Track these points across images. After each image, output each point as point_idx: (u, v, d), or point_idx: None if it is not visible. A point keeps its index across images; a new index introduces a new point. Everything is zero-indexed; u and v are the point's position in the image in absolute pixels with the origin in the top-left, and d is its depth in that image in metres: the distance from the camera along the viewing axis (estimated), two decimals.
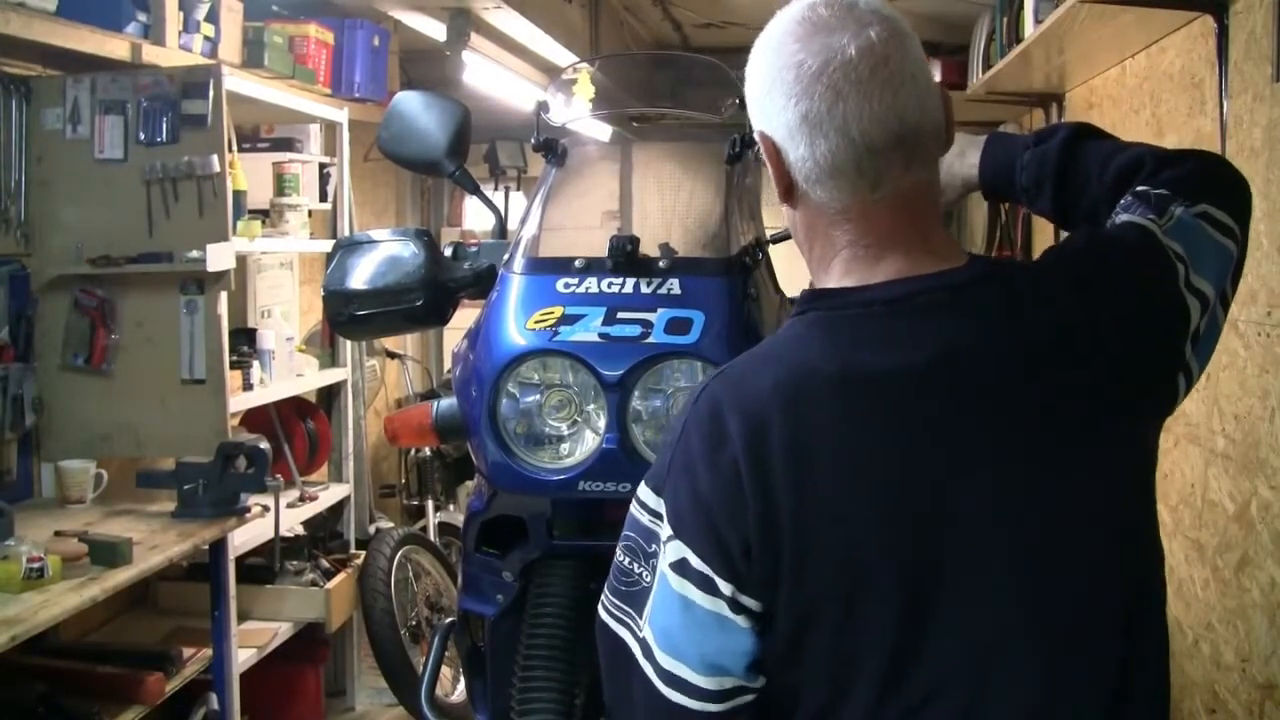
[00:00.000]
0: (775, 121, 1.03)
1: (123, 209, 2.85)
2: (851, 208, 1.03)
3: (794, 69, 1.01)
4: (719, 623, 0.99)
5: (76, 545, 2.32)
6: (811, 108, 1.00)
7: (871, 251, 1.03)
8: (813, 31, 1.02)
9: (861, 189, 1.02)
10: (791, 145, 1.02)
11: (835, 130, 1.00)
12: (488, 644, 1.79)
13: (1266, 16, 2.10)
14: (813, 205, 1.05)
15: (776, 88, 1.02)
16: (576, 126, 2.20)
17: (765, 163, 1.07)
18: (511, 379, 1.63)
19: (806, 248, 1.09)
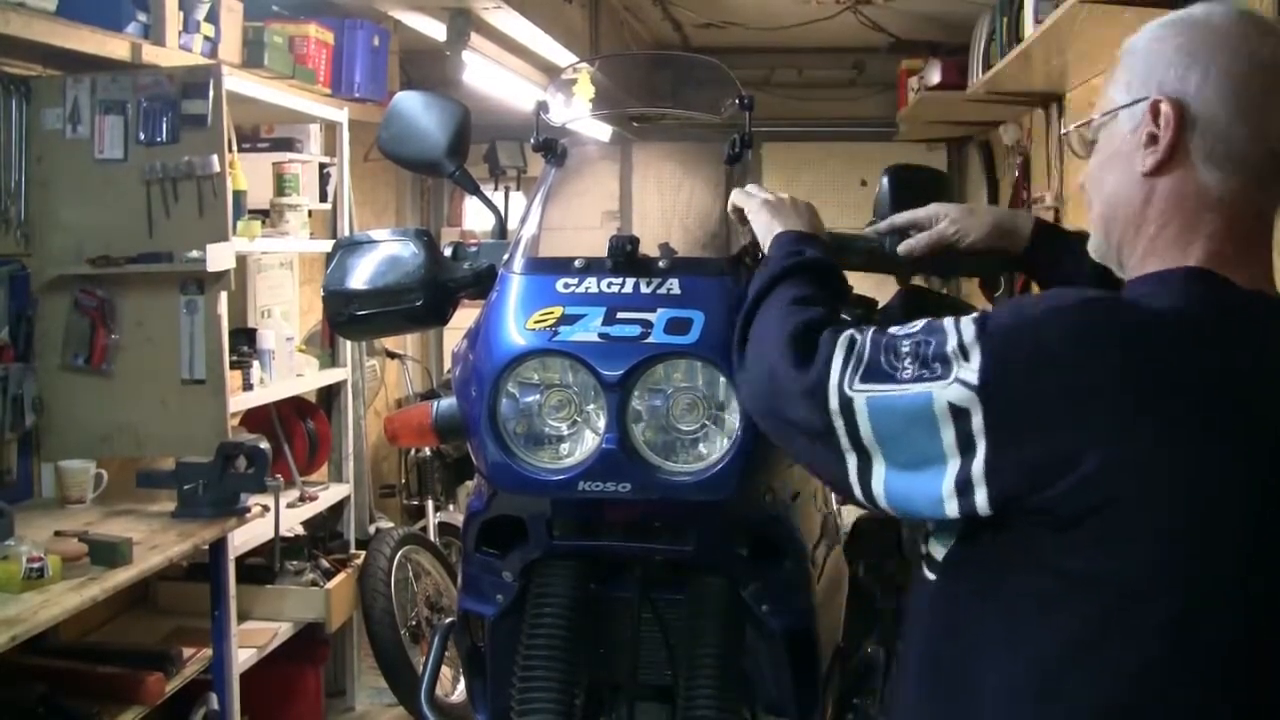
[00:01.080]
0: (1197, 94, 1.04)
1: (123, 209, 2.85)
2: (1236, 203, 1.05)
3: (1244, 53, 1.04)
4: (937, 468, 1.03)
5: (76, 545, 2.32)
6: (1251, 94, 1.03)
7: (1235, 250, 1.05)
8: (1264, 31, 1.06)
9: (1252, 186, 1.04)
10: (1210, 121, 1.04)
11: (1261, 122, 1.03)
12: (488, 644, 1.79)
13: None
14: (1195, 183, 1.05)
15: (1218, 57, 1.04)
16: (576, 126, 2.20)
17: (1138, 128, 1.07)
18: (511, 379, 1.63)
19: (1155, 225, 1.08)
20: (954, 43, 4.61)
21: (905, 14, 4.73)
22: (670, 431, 1.60)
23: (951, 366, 1.02)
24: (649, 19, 5.31)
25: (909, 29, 4.99)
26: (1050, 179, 3.81)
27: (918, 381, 1.04)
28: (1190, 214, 1.06)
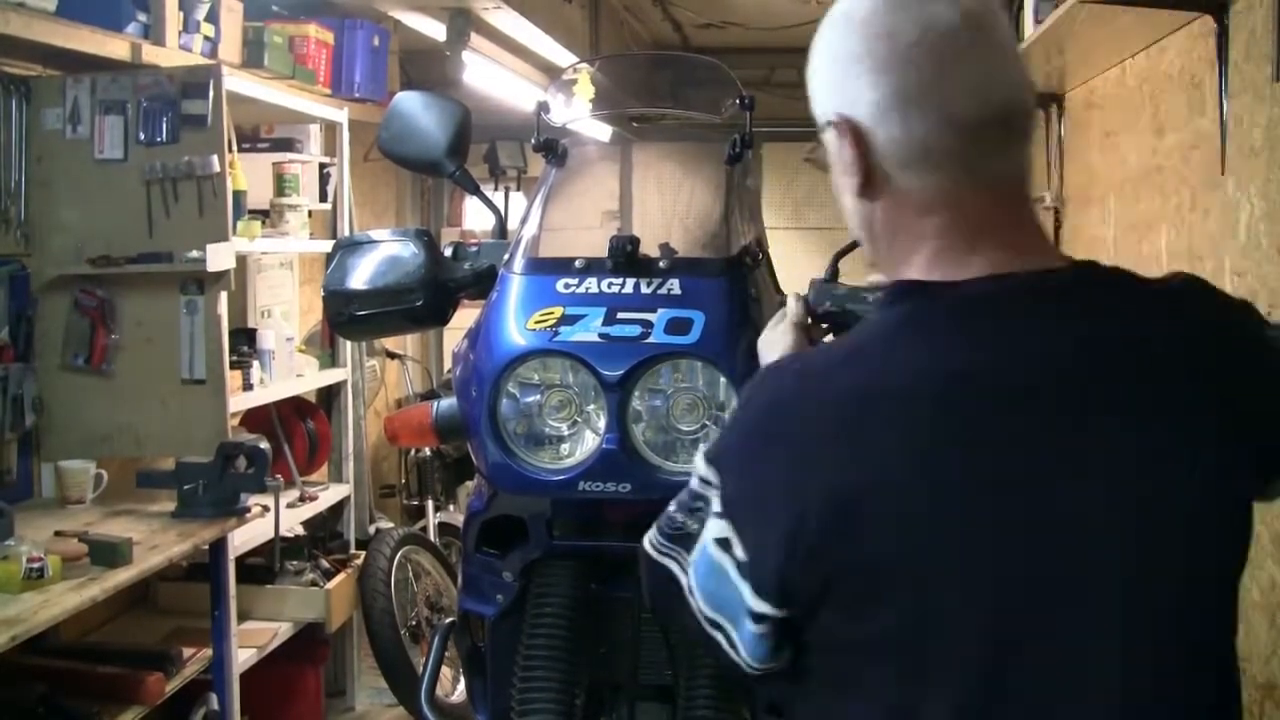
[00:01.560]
0: (860, 100, 0.94)
1: (123, 209, 2.85)
2: (946, 194, 0.94)
3: (886, 39, 0.92)
4: (742, 606, 0.96)
5: (76, 545, 2.32)
6: (908, 81, 0.91)
7: (963, 243, 0.94)
8: (898, 5, 0.93)
9: (958, 172, 0.93)
10: (882, 125, 0.93)
11: (935, 106, 0.91)
12: (488, 644, 1.79)
13: (1266, 16, 2.10)
14: (899, 194, 0.96)
15: (863, 61, 0.93)
16: (576, 127, 2.20)
17: (837, 151, 0.98)
18: (512, 379, 1.63)
19: (885, 243, 1.00)
20: None
21: None
22: (670, 432, 1.61)
23: (709, 503, 0.98)
24: (649, 19, 5.31)
25: None
26: (1050, 179, 3.81)
27: (702, 525, 0.98)
28: (910, 224, 0.96)
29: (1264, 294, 2.12)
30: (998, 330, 0.92)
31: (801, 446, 0.92)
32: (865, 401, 0.91)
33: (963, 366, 0.91)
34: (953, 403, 0.90)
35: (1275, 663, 2.08)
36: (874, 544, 0.89)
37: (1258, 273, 2.16)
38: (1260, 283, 2.14)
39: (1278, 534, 2.06)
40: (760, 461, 0.95)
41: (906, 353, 0.92)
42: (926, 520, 0.88)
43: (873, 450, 0.90)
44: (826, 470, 0.90)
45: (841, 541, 0.89)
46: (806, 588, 0.91)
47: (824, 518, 0.89)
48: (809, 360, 1.01)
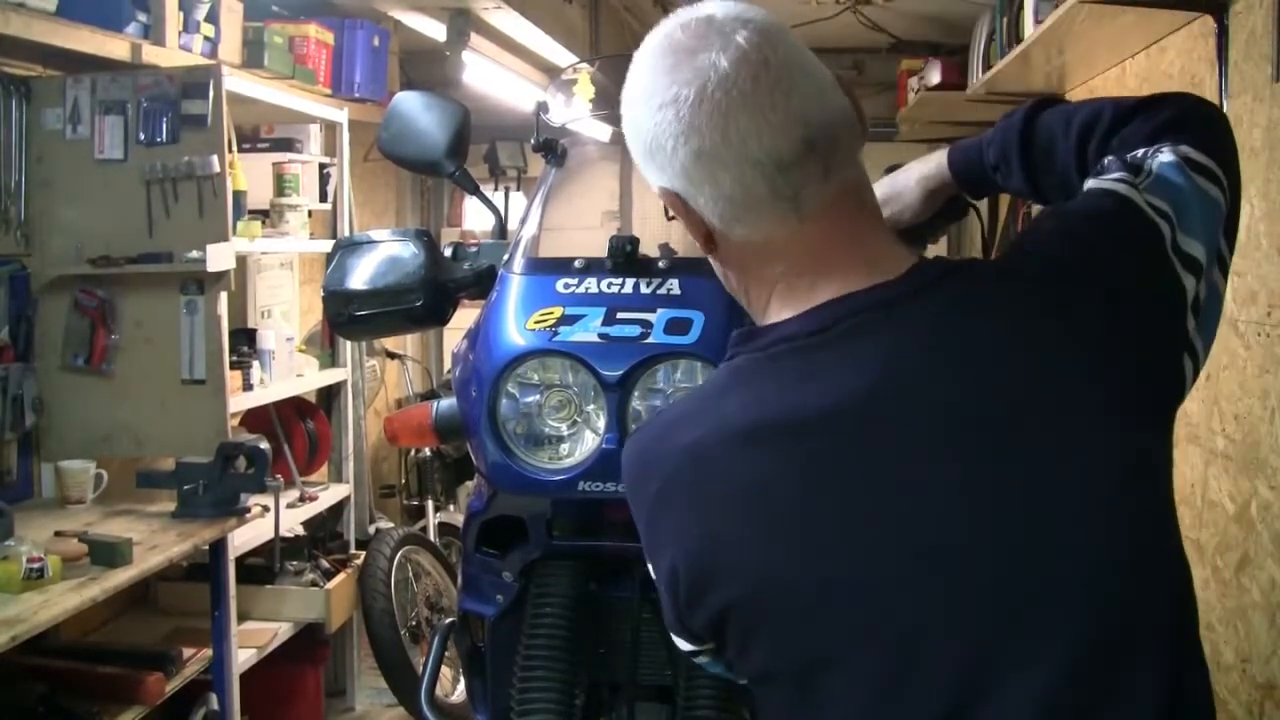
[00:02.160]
0: (670, 171, 0.93)
1: (123, 209, 2.85)
2: (777, 236, 0.93)
3: (670, 106, 0.90)
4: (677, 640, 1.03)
5: (76, 545, 2.32)
6: (702, 142, 0.89)
7: (805, 279, 0.94)
8: (677, 59, 0.91)
9: (782, 212, 0.91)
10: (695, 190, 0.92)
11: (734, 158, 0.89)
12: (488, 644, 1.79)
13: (1266, 16, 2.10)
14: (736, 246, 0.95)
15: (660, 134, 0.91)
16: (576, 127, 2.20)
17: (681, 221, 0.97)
18: (511, 379, 1.63)
19: (743, 295, 1.00)
20: (954, 43, 4.61)
21: (905, 14, 4.73)
22: None
23: None
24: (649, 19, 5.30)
25: (909, 29, 4.99)
26: None
27: None
28: (755, 273, 0.96)
29: (1264, 294, 2.12)
30: (827, 362, 0.91)
31: (658, 502, 0.95)
32: (702, 455, 0.93)
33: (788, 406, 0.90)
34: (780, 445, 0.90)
35: (1275, 663, 2.08)
36: (738, 586, 0.91)
37: (1257, 273, 2.16)
38: (1260, 283, 2.14)
39: (1277, 534, 2.06)
40: (640, 516, 0.99)
41: (732, 403, 0.93)
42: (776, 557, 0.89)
43: (717, 499, 0.92)
44: (682, 522, 0.93)
45: (711, 586, 0.92)
46: (700, 627, 0.95)
47: (690, 566, 0.93)
48: (661, 419, 1.03)
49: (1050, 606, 0.85)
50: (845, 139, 0.94)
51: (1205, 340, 0.97)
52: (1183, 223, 0.96)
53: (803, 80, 0.91)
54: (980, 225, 1.76)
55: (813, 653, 0.89)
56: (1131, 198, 0.96)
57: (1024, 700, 0.84)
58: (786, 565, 0.89)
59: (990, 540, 0.86)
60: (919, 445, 0.88)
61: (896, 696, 0.86)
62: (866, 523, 0.88)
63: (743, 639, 0.92)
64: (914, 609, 0.86)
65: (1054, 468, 0.87)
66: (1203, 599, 2.40)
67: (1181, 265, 0.95)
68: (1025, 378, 0.89)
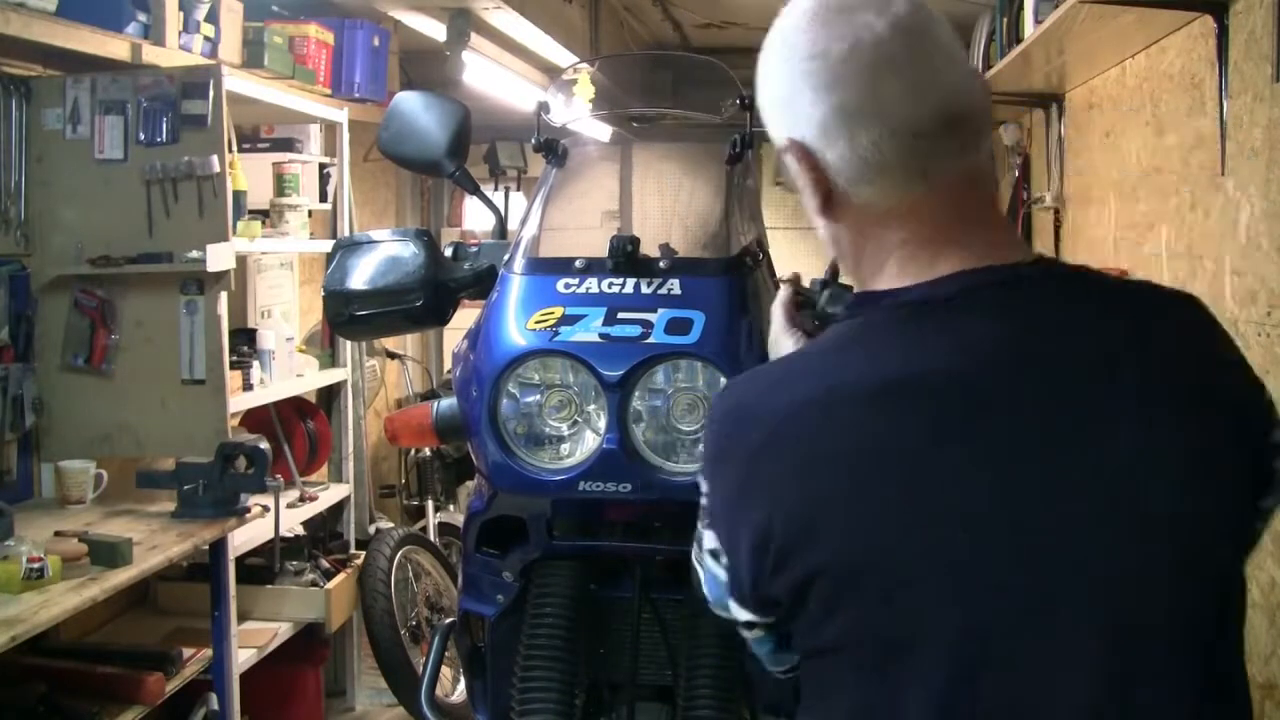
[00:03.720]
0: (805, 123, 0.94)
1: (123, 209, 2.85)
2: (902, 203, 0.93)
3: (820, 58, 0.92)
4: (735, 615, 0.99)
5: (76, 545, 2.32)
6: (846, 97, 0.91)
7: (927, 250, 0.94)
8: (831, 15, 0.93)
9: (912, 181, 0.92)
10: (827, 144, 0.93)
11: (875, 118, 0.90)
12: (488, 644, 1.79)
13: (1266, 16, 2.10)
14: (858, 209, 0.95)
15: (801, 84, 0.93)
16: (577, 127, 2.21)
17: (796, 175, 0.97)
18: (512, 379, 1.63)
19: (853, 259, 1.00)
20: None
21: None
22: (671, 432, 1.61)
23: (705, 513, 0.99)
24: (649, 19, 5.31)
25: None
26: (1050, 179, 3.81)
27: None
28: (873, 237, 0.96)
29: (1264, 294, 2.12)
30: (954, 330, 0.91)
31: (761, 456, 0.92)
32: (818, 409, 0.91)
33: (915, 369, 0.90)
34: (904, 406, 0.89)
35: (1275, 663, 2.08)
36: (832, 550, 0.89)
37: (1258, 273, 2.16)
38: (1260, 283, 2.14)
39: (1277, 533, 2.06)
40: (726, 473, 0.96)
41: (858, 360, 0.92)
42: (880, 524, 0.88)
43: (826, 458, 0.90)
44: (786, 479, 0.90)
45: (804, 548, 0.89)
46: (779, 594, 0.92)
47: (786, 525, 0.89)
48: (767, 371, 1.01)
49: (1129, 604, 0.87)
50: (979, 122, 0.96)
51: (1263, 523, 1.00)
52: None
53: (950, 57, 0.93)
54: None
55: (902, 627, 0.87)
56: None
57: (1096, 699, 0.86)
58: (891, 531, 0.88)
59: (1087, 534, 0.87)
60: (1030, 421, 0.88)
61: (970, 679, 0.86)
62: (975, 497, 0.87)
63: (826, 606, 0.89)
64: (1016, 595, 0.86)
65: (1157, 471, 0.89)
66: None
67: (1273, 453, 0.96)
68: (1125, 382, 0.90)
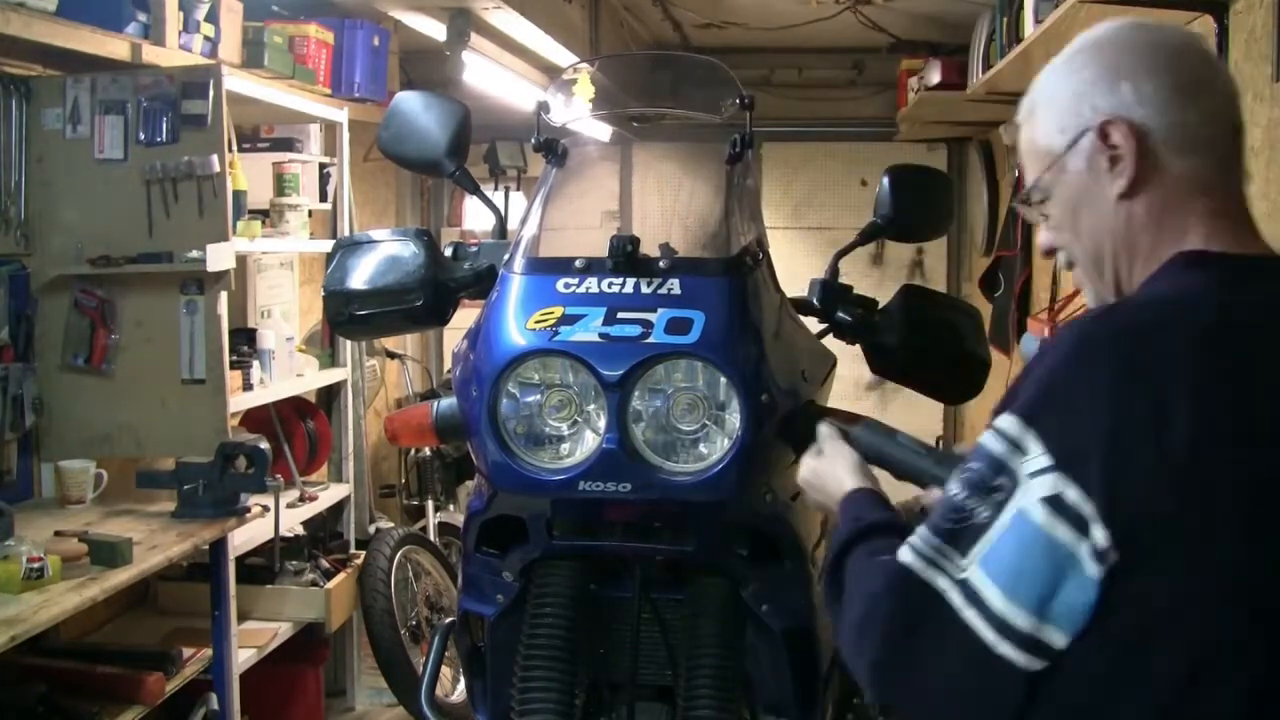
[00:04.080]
0: (1136, 100, 1.06)
1: (123, 209, 2.85)
2: (1215, 179, 1.07)
3: (1150, 48, 1.08)
4: (1074, 569, 0.94)
5: (76, 545, 2.32)
6: (1183, 77, 1.06)
7: (1230, 223, 1.07)
8: (1152, 29, 1.10)
9: (1225, 162, 1.08)
10: (1163, 114, 1.06)
11: (1208, 98, 1.07)
12: (488, 644, 1.79)
13: (1266, 16, 2.10)
14: (1170, 180, 1.06)
15: (1137, 67, 1.07)
16: (577, 127, 2.21)
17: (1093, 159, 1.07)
18: (512, 379, 1.63)
19: (1151, 229, 1.08)
20: (954, 43, 4.61)
21: (905, 14, 4.73)
22: (670, 432, 1.61)
23: (1015, 472, 0.97)
24: (649, 19, 5.30)
25: (909, 29, 4.99)
26: None
27: (999, 510, 0.97)
28: (1176, 208, 1.07)
29: None
30: None
31: (1160, 378, 0.95)
32: (1219, 337, 0.99)
33: None
34: None
35: None
36: (1239, 483, 0.94)
37: None
38: None
39: None
40: (1110, 398, 0.95)
41: (1240, 299, 1.01)
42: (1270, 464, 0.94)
43: (1239, 385, 0.97)
44: (1192, 401, 0.94)
45: (1209, 474, 0.93)
46: (1160, 517, 0.93)
47: (1191, 449, 0.93)
48: (1136, 303, 1.05)
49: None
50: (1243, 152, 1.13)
51: None
52: None
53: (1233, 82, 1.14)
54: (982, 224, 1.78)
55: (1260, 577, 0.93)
56: None
57: None
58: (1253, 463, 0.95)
59: None
60: None
61: None
62: None
63: (1204, 537, 0.93)
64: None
65: None
66: None
67: None
68: None
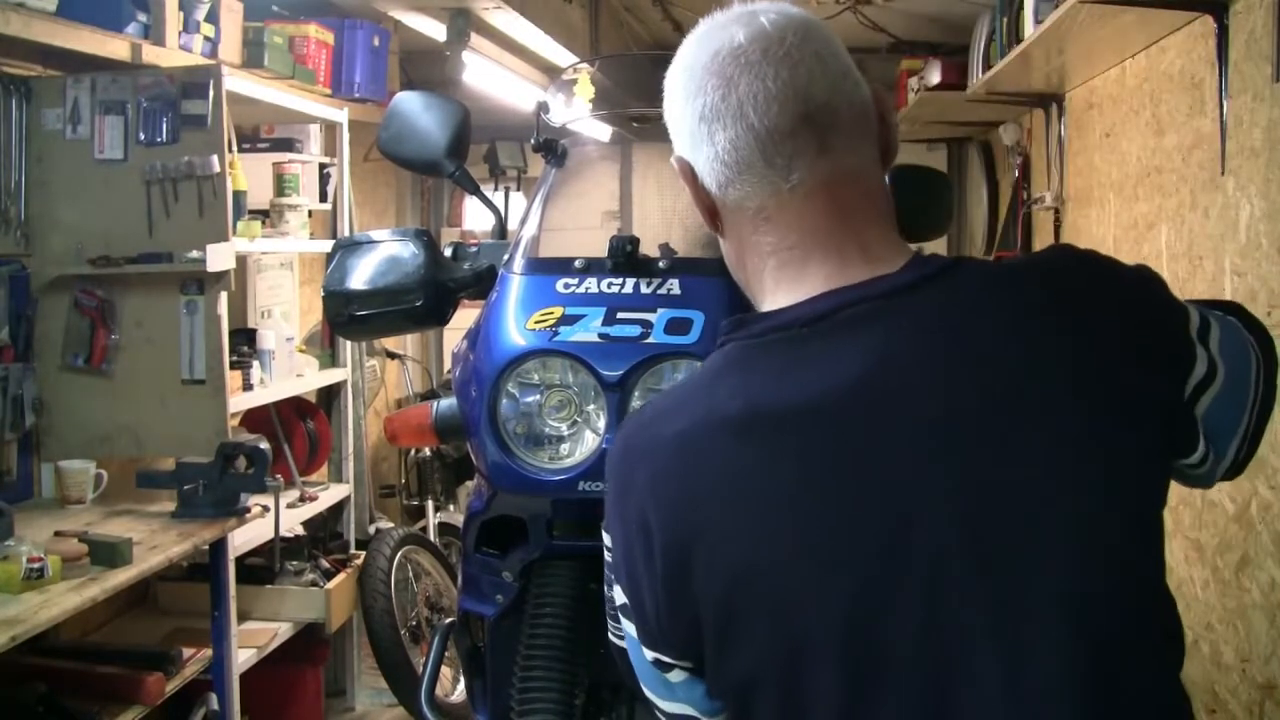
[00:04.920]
0: (679, 136, 0.97)
1: (123, 209, 2.85)
2: (768, 204, 0.94)
3: (685, 72, 0.96)
4: (659, 669, 0.97)
5: (76, 545, 2.32)
6: (705, 101, 0.93)
7: (796, 254, 0.94)
8: (705, 33, 0.97)
9: (773, 179, 0.93)
10: (696, 149, 0.95)
11: (732, 117, 0.92)
12: (488, 644, 1.79)
13: (1266, 16, 2.10)
14: (733, 217, 0.97)
15: (675, 97, 0.97)
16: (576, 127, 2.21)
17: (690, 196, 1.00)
18: (511, 379, 1.63)
19: (742, 271, 1.00)
20: (954, 43, 4.61)
21: (905, 14, 4.72)
22: None
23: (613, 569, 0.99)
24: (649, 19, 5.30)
25: (909, 29, 4.99)
26: (1050, 179, 3.81)
27: None
28: (751, 246, 0.96)
29: (1264, 294, 2.12)
30: (818, 359, 0.90)
31: (639, 495, 0.93)
32: (685, 445, 0.92)
33: (778, 398, 0.89)
34: (770, 438, 0.89)
35: (1275, 663, 2.08)
36: (717, 582, 0.89)
37: (1258, 273, 2.16)
38: (1260, 283, 2.14)
39: (1277, 534, 2.06)
40: (617, 517, 0.96)
41: (723, 391, 0.92)
42: (753, 557, 0.88)
43: (701, 491, 0.90)
44: (670, 512, 0.91)
45: (691, 582, 0.89)
46: (683, 632, 0.92)
47: (668, 561, 0.90)
48: (646, 411, 1.01)
49: (1030, 608, 0.85)
50: (849, 125, 0.94)
51: (1214, 426, 0.95)
52: (1221, 341, 0.97)
53: (814, 62, 0.93)
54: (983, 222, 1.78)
55: (795, 648, 0.87)
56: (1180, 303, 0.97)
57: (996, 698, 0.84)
58: (774, 558, 0.88)
59: (972, 541, 0.85)
60: (909, 442, 0.87)
61: (876, 699, 0.85)
62: (853, 519, 0.86)
63: (726, 638, 0.89)
64: (893, 607, 0.85)
65: (1036, 473, 0.87)
66: (1202, 599, 2.40)
67: (1200, 349, 0.95)
68: (1013, 380, 0.88)
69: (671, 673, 0.97)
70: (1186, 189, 2.57)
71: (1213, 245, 2.39)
